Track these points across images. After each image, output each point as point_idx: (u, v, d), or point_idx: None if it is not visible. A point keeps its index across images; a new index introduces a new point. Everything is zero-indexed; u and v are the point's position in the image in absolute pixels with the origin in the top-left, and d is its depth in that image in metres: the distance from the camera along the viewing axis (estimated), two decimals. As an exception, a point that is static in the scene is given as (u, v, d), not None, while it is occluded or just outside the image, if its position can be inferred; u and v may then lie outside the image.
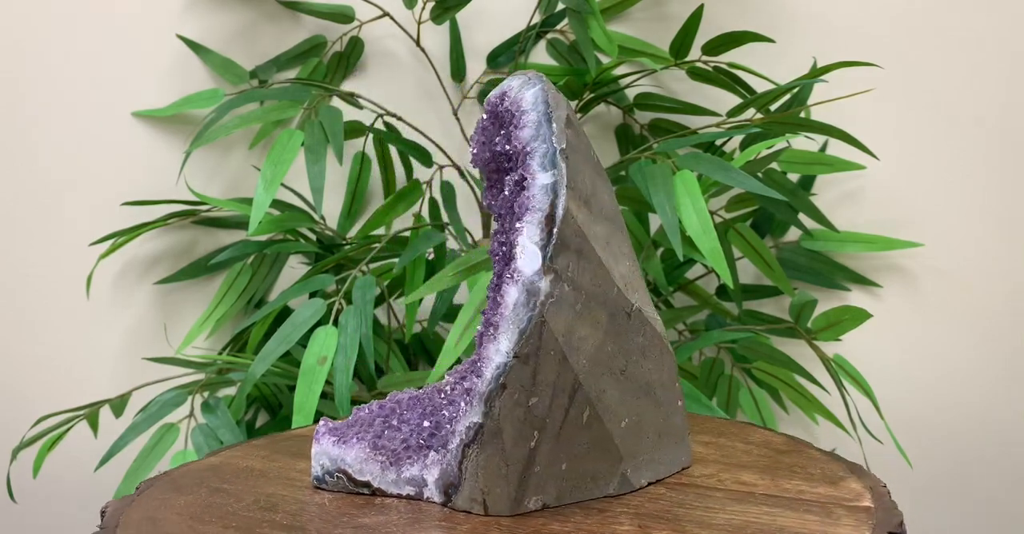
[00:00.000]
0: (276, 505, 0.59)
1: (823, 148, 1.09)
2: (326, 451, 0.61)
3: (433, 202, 1.05)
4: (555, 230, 0.55)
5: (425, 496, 0.59)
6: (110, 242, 0.99)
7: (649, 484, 0.61)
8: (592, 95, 1.03)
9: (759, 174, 0.98)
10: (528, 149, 0.56)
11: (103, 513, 0.59)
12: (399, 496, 0.59)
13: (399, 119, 1.02)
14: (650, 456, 0.61)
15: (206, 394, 0.94)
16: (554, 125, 0.56)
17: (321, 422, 0.62)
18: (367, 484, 0.60)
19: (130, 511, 0.58)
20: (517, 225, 0.55)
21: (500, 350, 0.54)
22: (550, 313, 0.54)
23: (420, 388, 0.62)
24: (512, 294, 0.54)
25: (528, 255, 0.55)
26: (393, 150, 1.06)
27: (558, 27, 1.08)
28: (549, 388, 0.55)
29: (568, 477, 0.57)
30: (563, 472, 0.57)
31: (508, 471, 0.56)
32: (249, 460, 0.66)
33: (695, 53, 1.01)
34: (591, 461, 0.58)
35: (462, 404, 0.57)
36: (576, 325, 0.55)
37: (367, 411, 0.61)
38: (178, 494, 0.61)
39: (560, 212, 0.55)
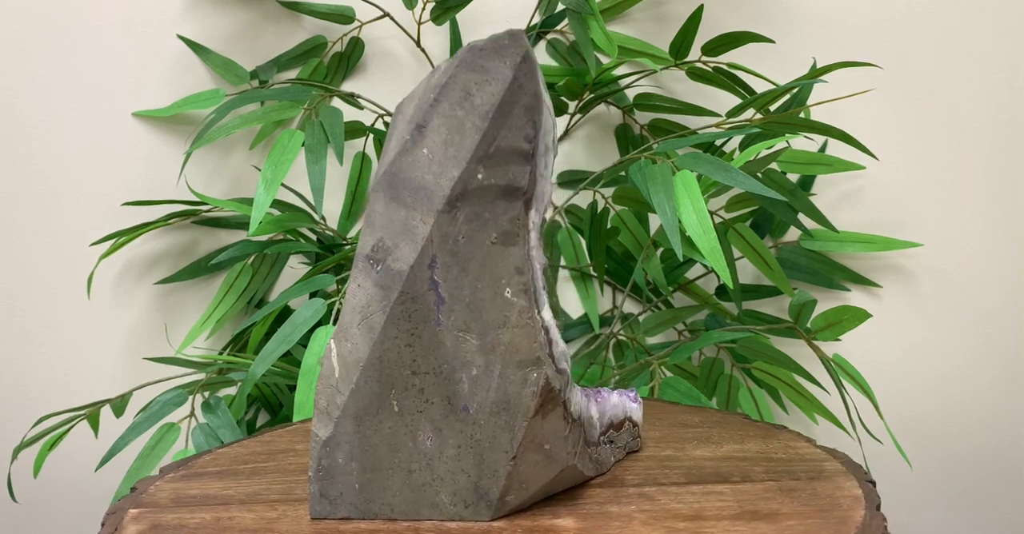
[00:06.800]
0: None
1: (822, 148, 1.09)
2: None
3: (433, 202, 1.05)
4: None
5: None
6: (111, 242, 1.00)
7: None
8: (592, 95, 1.03)
9: (759, 174, 0.98)
10: None
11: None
12: None
13: (399, 119, 1.02)
14: None
15: (207, 394, 0.94)
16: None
17: None
18: None
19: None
20: None
21: None
22: None
23: None
24: None
25: None
26: (393, 150, 1.06)
27: (558, 27, 1.08)
28: None
29: None
30: None
31: None
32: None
33: (695, 53, 1.01)
34: None
35: None
36: None
37: None
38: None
39: None
